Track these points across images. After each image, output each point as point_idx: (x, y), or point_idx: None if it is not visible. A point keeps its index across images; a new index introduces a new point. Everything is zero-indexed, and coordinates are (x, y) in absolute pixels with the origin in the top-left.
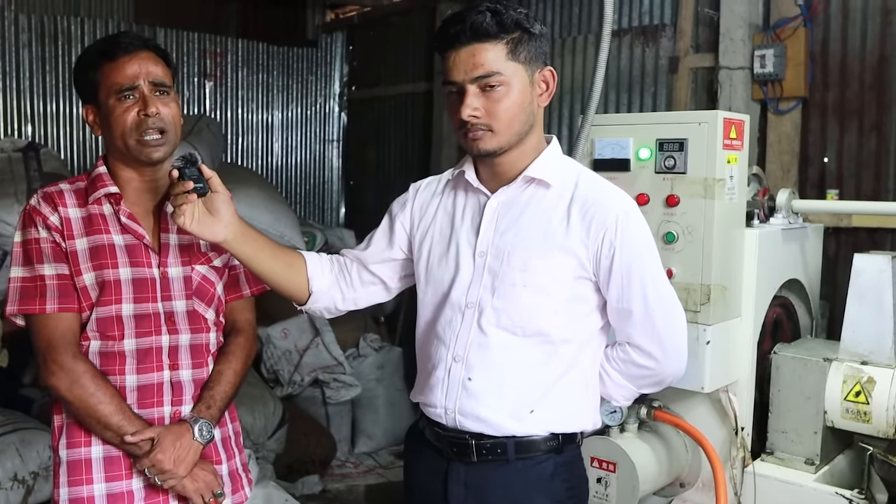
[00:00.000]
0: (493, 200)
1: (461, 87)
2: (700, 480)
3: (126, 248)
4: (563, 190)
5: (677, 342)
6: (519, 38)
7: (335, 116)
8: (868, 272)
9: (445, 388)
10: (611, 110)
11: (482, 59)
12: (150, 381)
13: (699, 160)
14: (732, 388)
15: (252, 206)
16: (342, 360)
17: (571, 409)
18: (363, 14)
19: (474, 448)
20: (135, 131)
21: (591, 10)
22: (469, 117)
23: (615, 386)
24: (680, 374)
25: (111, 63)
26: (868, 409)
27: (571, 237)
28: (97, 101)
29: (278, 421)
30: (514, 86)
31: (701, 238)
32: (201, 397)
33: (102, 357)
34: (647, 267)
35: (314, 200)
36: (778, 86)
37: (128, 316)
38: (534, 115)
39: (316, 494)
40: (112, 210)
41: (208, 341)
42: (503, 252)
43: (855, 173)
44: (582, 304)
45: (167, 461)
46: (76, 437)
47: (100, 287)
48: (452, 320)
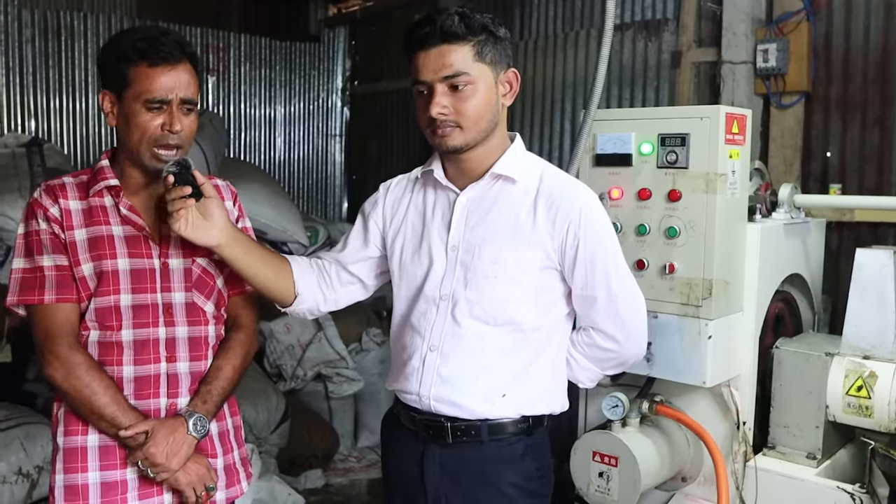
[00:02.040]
0: (462, 197)
1: (430, 87)
2: (702, 475)
3: (125, 238)
4: (529, 185)
5: (639, 325)
6: (485, 41)
7: (337, 111)
8: (870, 267)
9: (420, 375)
10: (613, 105)
11: (450, 59)
12: (147, 373)
13: (701, 155)
14: (734, 382)
15: (255, 201)
16: (345, 355)
17: (541, 393)
18: (365, 9)
19: (449, 430)
20: (153, 143)
21: (593, 4)
22: (438, 115)
23: (581, 369)
24: (641, 355)
25: (149, 68)
26: (870, 403)
27: (538, 230)
28: (120, 94)
29: (281, 415)
30: (481, 85)
31: (703, 233)
32: (198, 391)
33: (101, 347)
34: (609, 256)
35: (317, 195)
36: (781, 80)
37: (126, 306)
38: (498, 114)
39: (319, 489)
40: (112, 202)
41: (207, 334)
42: (474, 246)
43: (858, 168)
44: (548, 292)
45: (160, 455)
46: (73, 426)
47: (98, 277)
48: (427, 312)
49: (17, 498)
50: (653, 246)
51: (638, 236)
